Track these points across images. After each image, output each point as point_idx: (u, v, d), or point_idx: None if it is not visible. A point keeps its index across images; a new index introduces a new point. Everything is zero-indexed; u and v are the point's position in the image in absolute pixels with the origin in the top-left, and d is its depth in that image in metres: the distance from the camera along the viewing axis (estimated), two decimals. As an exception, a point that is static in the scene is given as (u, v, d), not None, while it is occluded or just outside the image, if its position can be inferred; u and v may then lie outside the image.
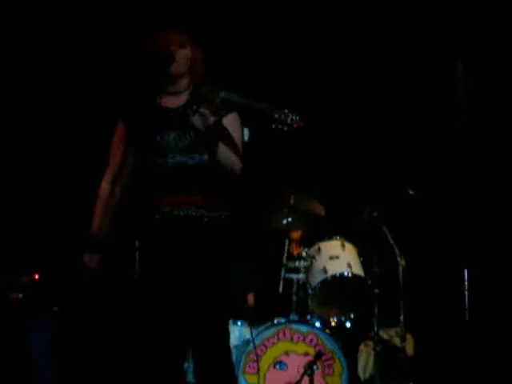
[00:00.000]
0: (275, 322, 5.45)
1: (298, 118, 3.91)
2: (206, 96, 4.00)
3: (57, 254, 5.84)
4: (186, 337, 3.96)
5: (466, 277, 4.10)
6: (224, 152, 3.96)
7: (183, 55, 4.05)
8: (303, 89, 6.33)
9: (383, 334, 5.88)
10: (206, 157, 3.99)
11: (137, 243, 3.97)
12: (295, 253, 6.10)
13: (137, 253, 3.95)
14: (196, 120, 3.92)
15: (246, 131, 4.24)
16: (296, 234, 6.20)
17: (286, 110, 3.92)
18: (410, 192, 5.58)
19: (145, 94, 4.14)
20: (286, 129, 3.92)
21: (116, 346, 5.26)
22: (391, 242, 5.61)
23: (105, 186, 4.14)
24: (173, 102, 4.11)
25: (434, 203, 5.76)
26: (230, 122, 4.05)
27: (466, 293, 3.98)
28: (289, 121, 3.91)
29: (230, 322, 5.31)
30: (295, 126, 3.92)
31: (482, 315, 4.38)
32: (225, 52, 5.93)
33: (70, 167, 6.17)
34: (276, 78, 6.30)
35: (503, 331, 5.63)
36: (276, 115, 3.90)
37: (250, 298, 6.14)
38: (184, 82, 4.11)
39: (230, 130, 4.01)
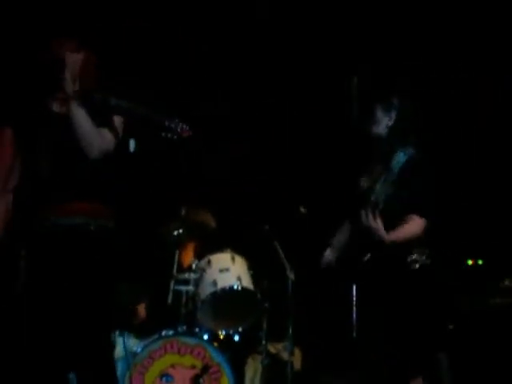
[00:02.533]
0: (163, 334, 5.39)
1: (187, 127, 3.90)
2: (97, 102, 3.95)
3: None
4: (68, 349, 3.88)
5: (354, 292, 4.14)
6: (87, 129, 3.90)
7: (74, 60, 3.99)
8: (193, 98, 6.32)
9: (271, 348, 5.89)
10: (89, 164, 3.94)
11: (22, 252, 3.87)
12: (185, 265, 6.07)
13: (22, 262, 3.85)
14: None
15: (132, 142, 4.22)
16: (186, 246, 6.17)
17: (177, 119, 3.91)
18: (302, 210, 5.62)
19: (35, 98, 4.05)
20: (175, 137, 3.90)
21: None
22: (281, 255, 5.64)
23: None
24: (62, 107, 4.04)
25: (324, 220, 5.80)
26: (116, 121, 4.02)
27: (354, 308, 4.02)
28: (179, 129, 3.90)
29: (117, 333, 5.24)
30: (185, 135, 3.91)
31: (369, 330, 4.43)
32: (114, 58, 5.87)
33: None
34: (165, 86, 6.27)
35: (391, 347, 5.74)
36: (166, 123, 3.89)
37: (141, 309, 6.07)
38: (73, 87, 4.04)
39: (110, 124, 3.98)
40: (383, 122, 4.48)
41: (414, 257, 4.31)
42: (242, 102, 6.58)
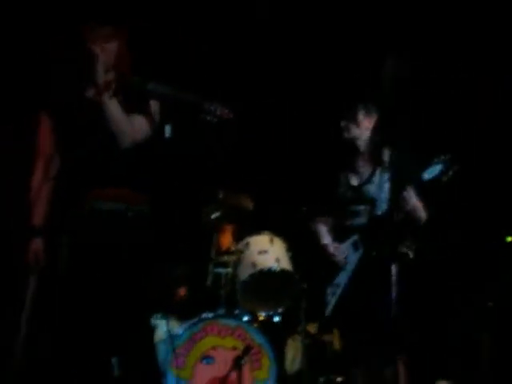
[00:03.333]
0: (203, 316, 5.43)
1: (226, 109, 3.91)
2: (134, 87, 3.98)
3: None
4: (111, 332, 3.93)
5: (394, 271, 4.15)
6: (120, 119, 3.93)
7: (109, 48, 4.01)
8: (232, 82, 6.32)
9: (310, 329, 5.92)
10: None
11: (64, 239, 3.91)
12: (224, 247, 6.10)
13: (63, 248, 3.90)
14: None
15: (168, 127, 4.24)
16: (225, 229, 6.19)
17: (216, 102, 3.92)
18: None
19: (71, 86, 4.09)
20: (215, 120, 3.91)
21: (42, 342, 5.18)
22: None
23: (39, 178, 4.07)
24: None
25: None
26: (152, 106, 4.05)
27: (393, 287, 4.04)
28: (218, 112, 3.91)
29: (159, 316, 5.29)
30: (225, 117, 3.92)
31: (408, 310, 4.45)
32: (153, 45, 5.90)
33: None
34: (205, 71, 6.28)
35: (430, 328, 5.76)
36: (206, 106, 3.90)
37: (181, 292, 6.12)
38: (109, 75, 4.07)
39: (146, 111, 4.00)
40: (364, 124, 4.82)
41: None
42: (280, 85, 6.58)
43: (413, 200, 4.49)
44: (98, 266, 3.87)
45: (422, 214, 4.62)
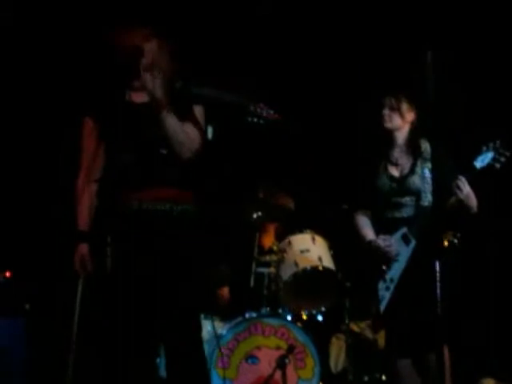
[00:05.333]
0: (247, 316, 5.44)
1: (273, 111, 3.91)
2: (176, 91, 3.98)
3: (29, 252, 5.80)
4: (157, 332, 3.95)
5: (438, 268, 4.11)
6: (178, 131, 3.93)
7: (149, 49, 4.02)
8: (273, 84, 6.33)
9: (354, 327, 5.90)
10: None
11: (108, 239, 3.93)
12: (266, 247, 6.11)
13: (108, 249, 3.92)
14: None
15: (210, 129, 4.23)
16: (267, 228, 6.20)
17: (262, 104, 3.91)
18: None
19: (113, 89, 4.11)
20: (262, 122, 3.91)
21: (88, 343, 5.22)
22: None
23: (82, 182, 4.10)
24: (141, 97, 4.08)
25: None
26: (197, 111, 4.04)
27: (438, 284, 4.00)
28: (265, 114, 3.91)
29: (202, 316, 5.30)
30: (272, 119, 3.91)
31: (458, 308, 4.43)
32: (196, 46, 5.91)
33: (37, 164, 6.13)
34: (248, 73, 6.29)
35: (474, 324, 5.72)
36: (253, 108, 3.90)
37: (225, 292, 6.14)
38: (152, 76, 4.07)
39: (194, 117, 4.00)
40: (407, 115, 4.83)
41: None
42: (315, 79, 6.57)
43: (466, 188, 4.49)
44: (144, 267, 3.88)
45: (475, 202, 4.63)
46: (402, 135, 4.86)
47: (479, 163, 4.45)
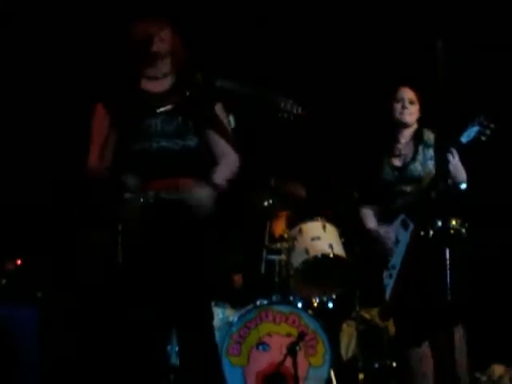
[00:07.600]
0: (257, 303, 5.46)
1: (301, 107, 3.92)
2: (194, 83, 3.98)
3: (40, 239, 5.83)
4: (169, 319, 3.98)
5: (447, 256, 4.12)
6: (218, 141, 3.96)
7: (163, 36, 4.03)
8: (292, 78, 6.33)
9: (365, 314, 5.92)
10: (190, 142, 3.99)
11: (119, 227, 3.95)
12: (277, 234, 6.12)
13: (119, 236, 3.94)
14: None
15: (232, 118, 4.21)
16: (278, 216, 6.21)
17: (291, 100, 3.92)
18: None
19: (126, 76, 4.12)
20: (290, 117, 3.92)
21: (101, 330, 5.26)
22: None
23: (94, 162, 4.08)
24: (155, 86, 4.09)
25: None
26: (220, 110, 4.05)
27: (448, 272, 4.01)
28: (291, 108, 3.91)
29: (213, 303, 5.32)
30: (299, 114, 3.92)
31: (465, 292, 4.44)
32: (219, 40, 5.93)
33: (47, 150, 6.15)
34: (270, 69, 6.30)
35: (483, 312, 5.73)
36: (280, 104, 3.90)
37: (238, 279, 6.17)
38: (165, 66, 4.08)
39: (221, 118, 4.02)
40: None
41: None
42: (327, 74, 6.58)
43: (455, 160, 4.56)
44: (159, 256, 3.91)
45: (463, 174, 4.67)
46: (411, 128, 4.88)
47: (465, 138, 4.49)
